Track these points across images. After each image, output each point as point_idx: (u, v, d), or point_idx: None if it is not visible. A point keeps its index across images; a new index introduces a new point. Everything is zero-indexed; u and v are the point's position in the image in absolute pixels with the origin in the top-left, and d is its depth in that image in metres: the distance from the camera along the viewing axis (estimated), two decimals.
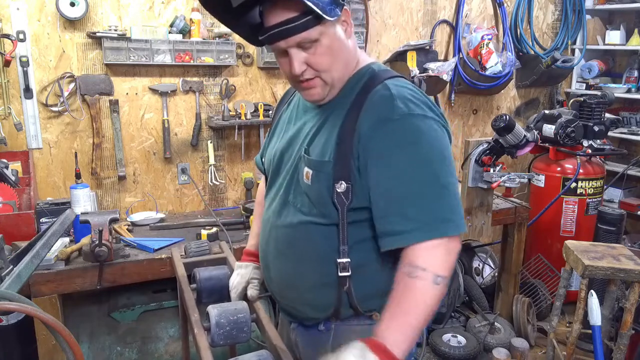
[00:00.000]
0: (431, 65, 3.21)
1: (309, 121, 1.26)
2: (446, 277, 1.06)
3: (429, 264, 1.05)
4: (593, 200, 3.25)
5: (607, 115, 3.30)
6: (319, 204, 1.18)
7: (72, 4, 2.43)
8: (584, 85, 4.00)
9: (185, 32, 2.69)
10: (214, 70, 2.84)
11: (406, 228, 1.07)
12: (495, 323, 2.99)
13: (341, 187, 1.14)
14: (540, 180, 3.36)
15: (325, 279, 1.21)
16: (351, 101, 1.16)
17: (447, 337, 2.91)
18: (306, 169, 1.19)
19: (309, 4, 1.03)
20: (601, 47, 3.98)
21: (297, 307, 1.30)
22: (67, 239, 2.19)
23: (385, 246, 1.11)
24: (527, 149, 2.77)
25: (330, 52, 1.13)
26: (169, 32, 2.65)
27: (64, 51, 2.52)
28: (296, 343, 1.36)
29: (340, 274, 1.18)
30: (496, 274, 3.36)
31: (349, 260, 1.17)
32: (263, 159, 1.48)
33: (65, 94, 2.54)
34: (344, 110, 1.17)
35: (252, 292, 1.48)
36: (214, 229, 2.40)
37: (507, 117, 2.58)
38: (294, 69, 1.13)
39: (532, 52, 3.67)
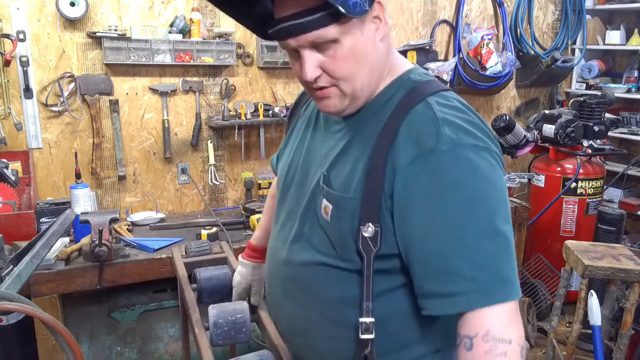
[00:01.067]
0: (431, 65, 3.21)
1: (329, 138, 1.04)
2: (524, 346, 0.85)
3: (508, 334, 0.83)
4: (593, 200, 3.25)
5: (607, 115, 3.30)
6: (340, 247, 0.97)
7: (72, 4, 2.42)
8: (584, 85, 4.00)
9: (185, 32, 2.69)
10: (214, 70, 2.84)
11: (465, 289, 0.84)
12: None
13: (368, 230, 0.92)
14: (540, 180, 3.36)
15: (343, 334, 0.99)
16: (384, 121, 0.93)
17: None
18: (325, 202, 0.97)
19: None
20: (601, 47, 3.98)
21: (307, 356, 1.12)
22: (67, 239, 2.19)
23: (432, 310, 0.89)
24: (527, 149, 2.77)
25: (352, 56, 0.90)
26: (169, 32, 2.65)
27: (64, 51, 2.52)
28: None
29: (362, 337, 0.95)
30: None
31: (373, 320, 0.95)
32: (279, 162, 1.27)
33: (65, 93, 2.54)
34: (375, 131, 0.94)
35: (254, 299, 1.43)
36: (214, 229, 2.40)
37: (507, 117, 2.59)
38: (305, 74, 0.91)
39: (532, 52, 3.67)
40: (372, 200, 0.92)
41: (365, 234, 0.92)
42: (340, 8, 0.81)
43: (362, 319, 0.95)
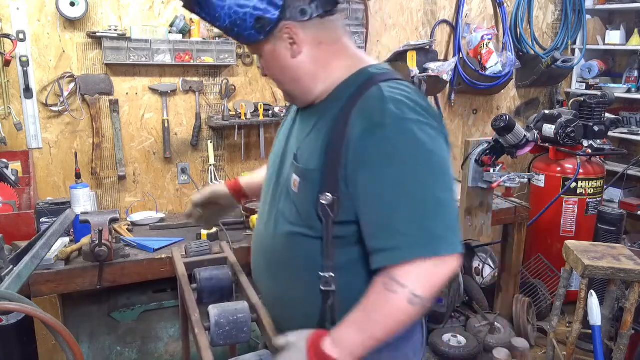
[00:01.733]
0: (431, 65, 3.21)
1: (300, 125, 1.22)
2: (426, 298, 0.99)
3: (409, 282, 0.98)
4: (593, 200, 3.25)
5: (607, 115, 3.30)
6: (305, 215, 1.12)
7: (72, 4, 2.42)
8: (584, 85, 4.00)
9: (185, 32, 2.69)
10: (214, 70, 2.84)
11: (395, 244, 1.00)
12: (495, 323, 2.99)
13: (326, 199, 1.07)
14: (540, 180, 3.36)
15: (309, 294, 1.14)
16: (342, 105, 1.09)
17: (447, 337, 2.91)
18: (294, 177, 1.14)
19: (226, 30, 1.09)
20: (601, 47, 3.98)
21: (283, 323, 1.24)
22: (67, 239, 2.19)
23: (375, 264, 1.04)
24: (527, 149, 2.77)
25: (273, 66, 1.15)
26: (169, 32, 2.65)
27: (64, 51, 2.52)
28: None
29: (323, 288, 1.11)
30: (496, 274, 3.36)
31: (332, 274, 1.10)
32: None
33: (65, 93, 2.54)
34: (335, 113, 1.10)
35: (195, 214, 1.62)
36: (214, 229, 2.40)
37: (507, 117, 2.58)
38: (260, 71, 1.23)
39: (532, 52, 3.67)
40: (330, 171, 1.06)
41: (324, 202, 1.07)
42: (234, 39, 1.18)
43: (322, 273, 1.10)
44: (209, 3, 1.06)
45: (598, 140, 3.25)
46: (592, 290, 2.22)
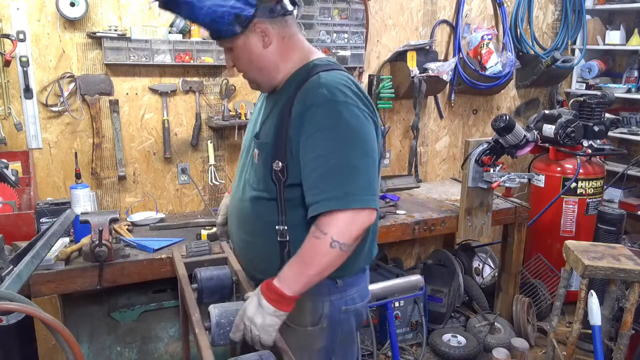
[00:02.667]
0: (431, 65, 3.21)
1: (263, 110, 1.49)
2: (346, 243, 1.25)
3: (330, 230, 1.25)
4: (593, 200, 3.26)
5: (607, 115, 3.30)
6: (263, 181, 1.39)
7: (72, 4, 2.42)
8: (584, 85, 4.00)
9: (185, 32, 2.69)
10: (214, 70, 2.84)
11: (319, 199, 1.27)
12: (495, 323, 2.99)
13: (278, 165, 1.35)
14: (540, 180, 3.36)
15: (269, 247, 1.43)
16: (292, 90, 1.35)
17: (447, 337, 2.91)
18: (255, 150, 1.43)
19: (205, 26, 1.31)
20: (601, 47, 3.98)
21: (251, 271, 1.58)
22: (67, 239, 2.19)
23: (308, 215, 1.30)
24: (527, 149, 2.77)
25: (242, 58, 1.38)
26: (169, 32, 2.65)
27: (64, 51, 2.52)
28: None
29: (279, 239, 1.40)
30: (496, 274, 3.36)
31: (286, 227, 1.39)
32: None
33: (65, 94, 2.54)
34: (285, 98, 1.37)
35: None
36: (214, 229, 2.40)
37: (507, 117, 2.58)
38: (226, 64, 1.45)
39: (532, 52, 3.67)
40: (280, 144, 1.35)
41: (276, 168, 1.35)
42: (216, 34, 1.34)
43: (277, 227, 1.40)
44: (188, 4, 1.25)
45: (598, 140, 3.25)
46: (592, 290, 2.22)
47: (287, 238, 1.39)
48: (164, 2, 1.28)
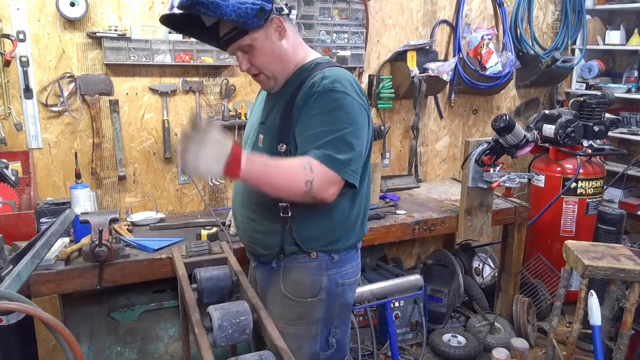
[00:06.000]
0: (431, 65, 3.21)
1: (266, 106, 1.64)
2: (314, 196, 1.40)
3: (316, 175, 1.38)
4: (593, 200, 3.26)
5: (607, 115, 3.30)
6: None
7: (72, 4, 2.42)
8: (584, 85, 4.00)
9: None
10: (214, 70, 2.84)
11: (321, 153, 1.41)
12: (495, 323, 2.99)
13: (282, 148, 1.51)
14: (540, 180, 3.36)
15: (272, 222, 1.57)
16: (296, 85, 1.51)
17: (447, 337, 2.91)
18: (261, 135, 1.58)
19: (232, 21, 1.39)
20: (601, 47, 3.98)
21: (253, 246, 1.68)
22: (67, 239, 2.19)
23: (306, 154, 1.42)
24: (527, 149, 2.77)
25: (263, 53, 1.50)
26: (169, 32, 2.65)
27: (64, 51, 2.52)
28: (255, 279, 1.75)
29: (282, 215, 1.53)
30: (496, 274, 3.36)
31: (288, 204, 1.51)
32: None
33: (65, 94, 2.54)
34: (291, 91, 1.52)
35: None
36: (214, 229, 2.40)
37: (507, 117, 2.58)
38: (240, 67, 1.55)
39: (532, 52, 3.67)
40: (284, 128, 1.51)
41: (280, 150, 1.51)
42: (243, 26, 1.43)
43: (280, 204, 1.52)
44: (214, 3, 1.34)
45: (598, 140, 3.25)
46: (592, 290, 2.22)
47: (290, 214, 1.53)
48: (190, 2, 1.34)
